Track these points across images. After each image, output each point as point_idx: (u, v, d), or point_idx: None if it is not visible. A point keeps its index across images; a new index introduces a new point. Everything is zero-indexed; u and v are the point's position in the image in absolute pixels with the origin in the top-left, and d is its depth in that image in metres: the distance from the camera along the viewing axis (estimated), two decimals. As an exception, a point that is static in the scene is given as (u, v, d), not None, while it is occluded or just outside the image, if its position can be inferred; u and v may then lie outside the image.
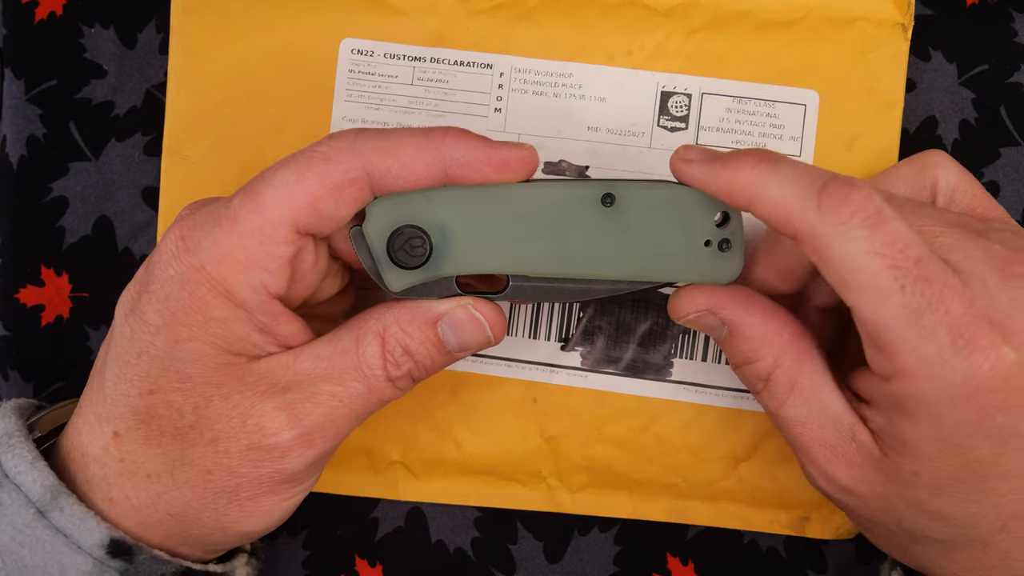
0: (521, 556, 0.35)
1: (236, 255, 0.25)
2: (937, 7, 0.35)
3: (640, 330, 0.34)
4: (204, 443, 0.26)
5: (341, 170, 0.25)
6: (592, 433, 0.34)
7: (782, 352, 0.27)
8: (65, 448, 0.28)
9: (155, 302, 0.26)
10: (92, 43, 0.35)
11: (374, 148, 0.25)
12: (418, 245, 0.26)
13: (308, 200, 0.25)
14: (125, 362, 0.26)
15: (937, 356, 0.23)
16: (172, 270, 0.26)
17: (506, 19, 0.34)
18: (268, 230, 0.25)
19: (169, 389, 0.26)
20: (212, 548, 0.28)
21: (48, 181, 0.35)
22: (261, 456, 0.26)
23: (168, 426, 0.26)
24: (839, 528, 0.34)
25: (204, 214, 0.26)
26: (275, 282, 0.25)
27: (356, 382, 0.26)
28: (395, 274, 0.27)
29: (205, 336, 0.25)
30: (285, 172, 0.25)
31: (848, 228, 0.23)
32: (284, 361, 0.26)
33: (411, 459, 0.35)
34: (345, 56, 0.34)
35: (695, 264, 0.27)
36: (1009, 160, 0.35)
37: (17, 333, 0.36)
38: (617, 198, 0.26)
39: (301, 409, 0.26)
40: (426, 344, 0.27)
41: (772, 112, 0.34)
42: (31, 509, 0.26)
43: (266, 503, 0.27)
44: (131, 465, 0.27)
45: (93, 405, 0.27)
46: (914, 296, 0.23)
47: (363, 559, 0.35)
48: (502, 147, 0.26)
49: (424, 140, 0.25)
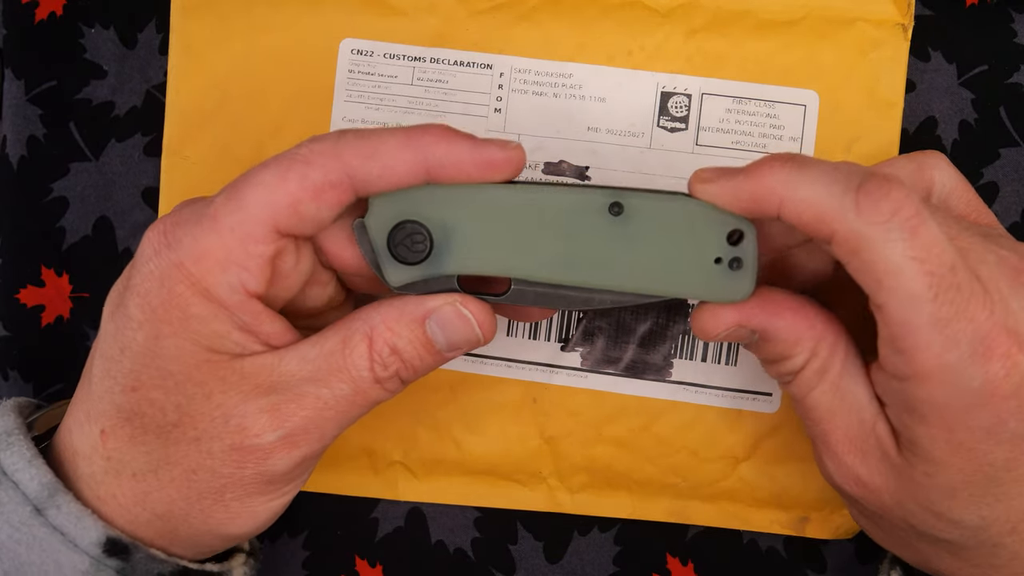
0: (521, 556, 0.35)
1: (215, 253, 0.25)
2: (937, 7, 0.35)
3: (640, 330, 0.34)
4: (187, 442, 0.26)
5: (322, 173, 0.25)
6: (592, 433, 0.34)
7: (817, 345, 0.26)
8: (59, 447, 0.28)
9: (136, 298, 0.26)
10: (92, 43, 0.35)
11: (355, 151, 0.25)
12: (419, 241, 0.26)
13: (289, 202, 0.25)
14: (109, 358, 0.26)
15: (957, 363, 0.23)
16: (152, 265, 0.25)
17: (506, 19, 0.34)
18: (248, 228, 0.25)
19: (151, 386, 0.26)
20: (203, 549, 0.28)
21: (48, 181, 0.35)
22: (244, 457, 0.26)
23: (151, 424, 0.26)
24: (839, 528, 0.34)
25: (187, 211, 0.26)
26: (254, 281, 0.25)
27: (342, 383, 0.26)
28: (395, 269, 0.26)
29: (185, 333, 0.25)
30: (266, 173, 0.25)
31: (888, 229, 0.23)
32: (268, 361, 0.26)
33: (411, 459, 0.35)
34: (345, 56, 0.34)
35: (703, 281, 0.26)
36: (1009, 160, 0.35)
37: (17, 333, 0.36)
38: (626, 208, 0.26)
39: (285, 411, 0.26)
40: (414, 343, 0.27)
41: (772, 112, 0.34)
42: (28, 507, 0.26)
43: (252, 504, 0.27)
44: (117, 464, 0.27)
45: (82, 403, 0.27)
46: (944, 305, 0.23)
47: (363, 559, 0.35)
48: (487, 146, 0.25)
49: (405, 140, 0.25)
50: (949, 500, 0.25)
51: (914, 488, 0.25)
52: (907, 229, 0.23)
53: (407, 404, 0.34)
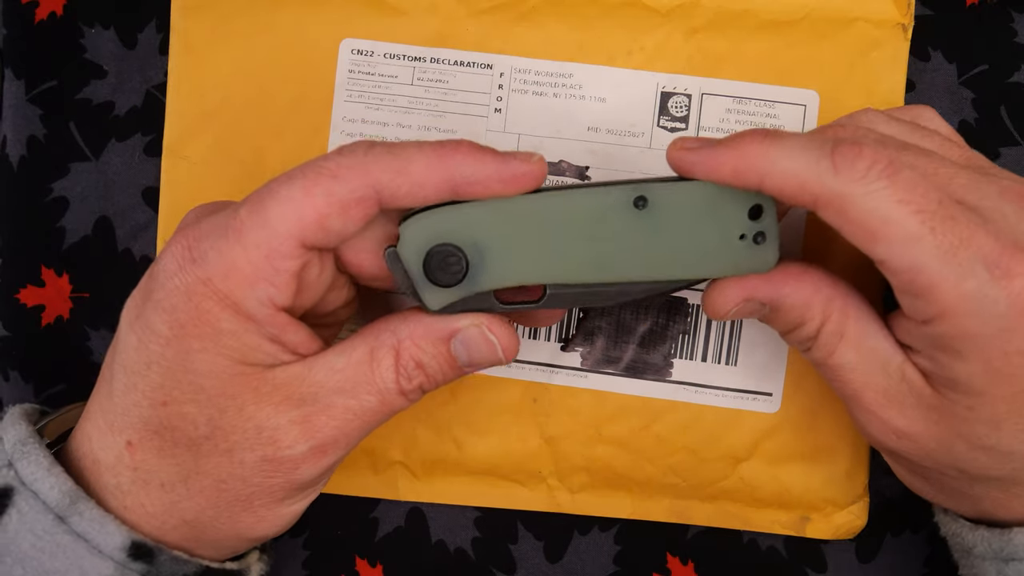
0: (521, 556, 0.35)
1: (242, 269, 0.25)
2: (937, 7, 0.35)
3: (640, 330, 0.34)
4: (218, 454, 0.26)
5: (349, 188, 0.25)
6: (592, 433, 0.34)
7: (827, 307, 0.27)
8: (75, 454, 0.28)
9: (162, 313, 0.26)
10: (92, 43, 0.35)
11: (384, 166, 0.25)
12: (454, 263, 0.26)
13: (315, 217, 0.25)
14: (134, 372, 0.26)
15: (978, 290, 0.23)
16: (178, 280, 0.25)
17: (506, 19, 0.34)
18: (274, 244, 0.25)
19: (183, 401, 0.26)
20: (225, 551, 0.29)
21: (48, 181, 0.35)
22: (275, 468, 0.26)
23: (182, 437, 0.26)
24: (839, 528, 0.34)
25: (210, 224, 0.26)
26: (281, 296, 0.25)
27: (369, 396, 0.26)
28: (433, 293, 0.26)
29: (217, 348, 0.25)
30: (292, 186, 0.25)
31: (867, 182, 0.23)
32: (298, 371, 0.26)
33: (411, 459, 0.35)
34: (345, 56, 0.34)
35: (731, 259, 0.27)
36: (1009, 160, 0.35)
37: (17, 333, 0.36)
38: (650, 200, 0.26)
39: (316, 422, 0.26)
40: (438, 359, 0.27)
41: (772, 112, 0.34)
42: (50, 515, 0.26)
43: (278, 509, 0.27)
44: (145, 474, 0.27)
45: (104, 413, 0.27)
46: (945, 236, 0.23)
47: (363, 559, 0.35)
48: (511, 161, 0.26)
49: (435, 158, 0.25)
50: (996, 432, 0.25)
51: (958, 425, 0.25)
52: (885, 177, 0.23)
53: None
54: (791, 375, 0.34)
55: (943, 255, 0.23)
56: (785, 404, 0.34)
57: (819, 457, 0.34)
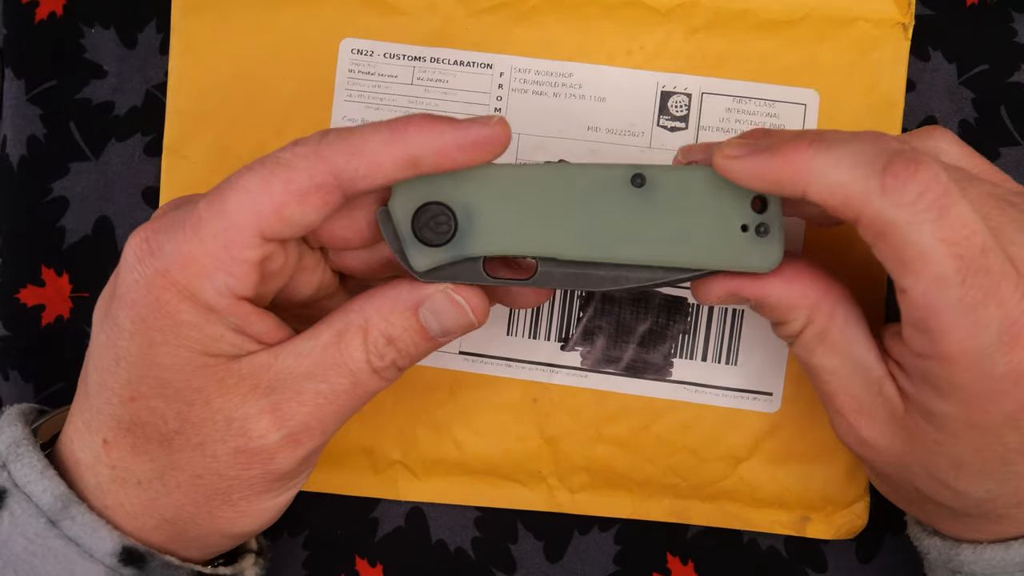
0: (521, 556, 0.35)
1: (199, 259, 0.24)
2: (937, 7, 0.35)
3: (640, 330, 0.34)
4: (190, 448, 0.26)
5: (307, 176, 0.24)
6: (592, 433, 0.34)
7: (813, 311, 0.26)
8: (61, 456, 0.28)
9: (125, 308, 0.25)
10: (92, 43, 0.35)
11: (339, 150, 0.25)
12: (443, 222, 0.26)
13: (273, 207, 0.24)
14: (104, 369, 0.26)
15: (983, 349, 0.23)
16: (137, 273, 0.25)
17: (506, 19, 0.34)
18: (232, 235, 0.24)
19: (150, 395, 0.26)
20: (211, 550, 0.28)
21: (48, 181, 0.35)
22: (249, 459, 0.26)
23: (153, 433, 0.26)
24: (840, 528, 0.34)
25: (170, 218, 0.25)
26: (241, 286, 0.25)
27: (340, 378, 0.26)
28: (419, 252, 0.26)
29: (178, 340, 0.25)
30: (250, 177, 0.25)
31: (915, 211, 0.22)
32: (264, 360, 0.26)
33: (411, 459, 0.35)
34: (345, 56, 0.34)
35: (732, 250, 0.26)
36: (1009, 160, 0.35)
37: (17, 333, 0.36)
38: (648, 179, 0.26)
39: (286, 410, 0.26)
40: (409, 331, 0.26)
41: (772, 112, 0.34)
42: (42, 519, 0.26)
43: (259, 503, 0.27)
44: (122, 472, 0.26)
45: (81, 413, 0.27)
46: (972, 289, 0.22)
47: (363, 559, 0.35)
48: (470, 127, 0.25)
49: (389, 135, 0.25)
50: (955, 470, 0.25)
51: (922, 453, 0.25)
52: (935, 210, 0.22)
53: (407, 404, 0.34)
54: (791, 375, 0.34)
55: (964, 308, 0.22)
56: (785, 404, 0.34)
57: (819, 457, 0.34)
